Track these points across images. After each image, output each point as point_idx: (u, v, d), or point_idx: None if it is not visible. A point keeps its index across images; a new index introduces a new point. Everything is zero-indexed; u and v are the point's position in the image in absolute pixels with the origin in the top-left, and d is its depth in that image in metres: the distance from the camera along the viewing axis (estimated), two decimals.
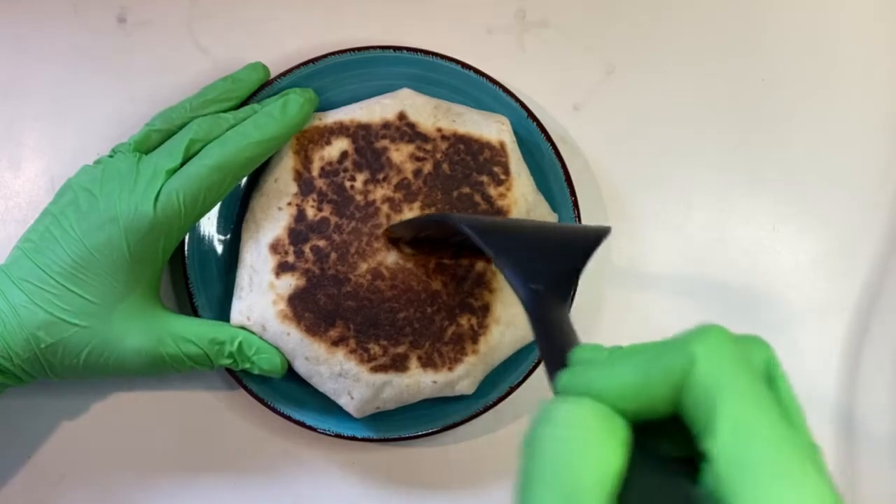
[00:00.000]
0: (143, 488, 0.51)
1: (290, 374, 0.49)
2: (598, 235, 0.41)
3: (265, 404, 0.49)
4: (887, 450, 0.53)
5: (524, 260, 0.38)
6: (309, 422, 0.49)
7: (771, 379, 0.27)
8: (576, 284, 0.38)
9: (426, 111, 0.48)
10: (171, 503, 0.51)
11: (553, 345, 0.33)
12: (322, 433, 0.49)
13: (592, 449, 0.24)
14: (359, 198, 0.47)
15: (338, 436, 0.49)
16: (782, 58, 0.55)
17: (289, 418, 0.49)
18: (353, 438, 0.49)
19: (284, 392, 0.49)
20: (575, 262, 0.39)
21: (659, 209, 0.54)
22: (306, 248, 0.47)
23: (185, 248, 0.49)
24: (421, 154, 0.48)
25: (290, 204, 0.47)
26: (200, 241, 0.50)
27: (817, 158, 0.54)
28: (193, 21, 0.53)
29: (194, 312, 0.49)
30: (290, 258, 0.47)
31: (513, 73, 0.52)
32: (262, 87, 0.49)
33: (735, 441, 0.23)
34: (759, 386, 0.25)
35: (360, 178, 0.48)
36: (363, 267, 0.47)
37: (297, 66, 0.50)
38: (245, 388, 0.49)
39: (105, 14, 0.52)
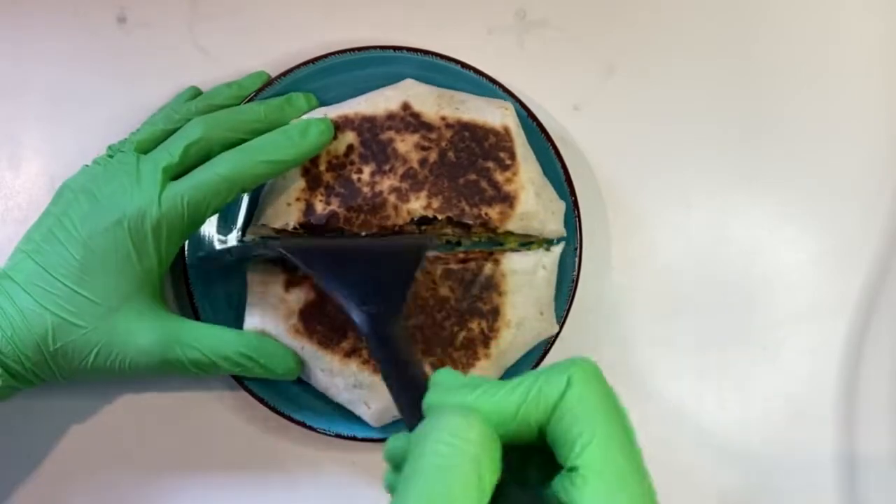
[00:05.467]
0: (144, 488, 0.51)
1: None
2: (419, 247, 0.44)
3: (265, 404, 0.49)
4: (887, 449, 0.53)
5: (353, 283, 0.39)
6: (309, 422, 0.49)
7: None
8: (406, 296, 0.41)
9: (430, 100, 0.49)
10: (171, 503, 0.51)
11: (399, 361, 0.35)
12: (322, 433, 0.49)
13: (471, 463, 0.26)
14: (366, 190, 0.48)
15: (338, 436, 0.49)
16: (782, 58, 0.55)
17: (289, 418, 0.49)
18: (354, 438, 0.49)
19: (285, 392, 0.49)
20: (402, 276, 0.41)
21: (659, 209, 0.54)
22: None
23: (185, 249, 0.49)
24: (426, 143, 0.48)
25: (298, 199, 0.47)
26: (200, 243, 0.50)
27: (817, 158, 0.54)
28: (194, 21, 0.52)
29: (195, 314, 0.49)
30: (300, 272, 0.47)
31: (513, 73, 0.52)
32: (263, 88, 0.50)
33: (602, 452, 0.28)
34: (620, 410, 0.29)
35: (367, 170, 0.48)
36: None
37: (297, 66, 0.50)
38: (246, 388, 0.49)
39: (105, 14, 0.52)
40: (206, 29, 0.52)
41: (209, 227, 0.50)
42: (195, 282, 0.49)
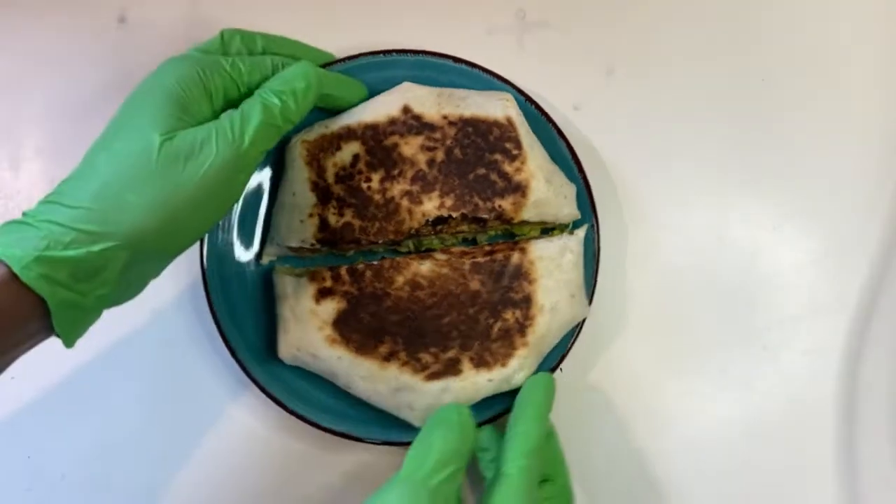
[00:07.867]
0: (144, 488, 0.51)
1: (297, 371, 0.49)
2: None
3: (275, 400, 0.48)
4: (887, 449, 0.53)
5: None
6: (318, 420, 0.48)
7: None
8: None
9: (429, 100, 0.49)
10: (178, 498, 0.51)
11: None
12: (329, 432, 0.48)
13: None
14: (377, 197, 0.48)
15: (344, 436, 0.49)
16: (782, 58, 0.55)
17: (297, 415, 0.48)
18: (360, 440, 0.49)
19: (294, 390, 0.49)
20: None
21: (658, 209, 0.54)
22: (342, 271, 0.47)
23: (205, 268, 0.48)
24: (431, 144, 0.48)
25: (311, 215, 0.47)
26: (222, 260, 0.49)
27: (817, 158, 0.54)
28: (193, 21, 0.53)
29: (217, 325, 0.48)
30: (328, 283, 0.47)
31: (513, 74, 0.52)
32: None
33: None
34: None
35: (376, 177, 0.48)
36: (400, 280, 0.47)
37: None
38: (256, 382, 0.48)
39: (105, 14, 0.52)
40: (206, 29, 0.52)
41: (229, 249, 0.49)
42: (221, 312, 0.48)
